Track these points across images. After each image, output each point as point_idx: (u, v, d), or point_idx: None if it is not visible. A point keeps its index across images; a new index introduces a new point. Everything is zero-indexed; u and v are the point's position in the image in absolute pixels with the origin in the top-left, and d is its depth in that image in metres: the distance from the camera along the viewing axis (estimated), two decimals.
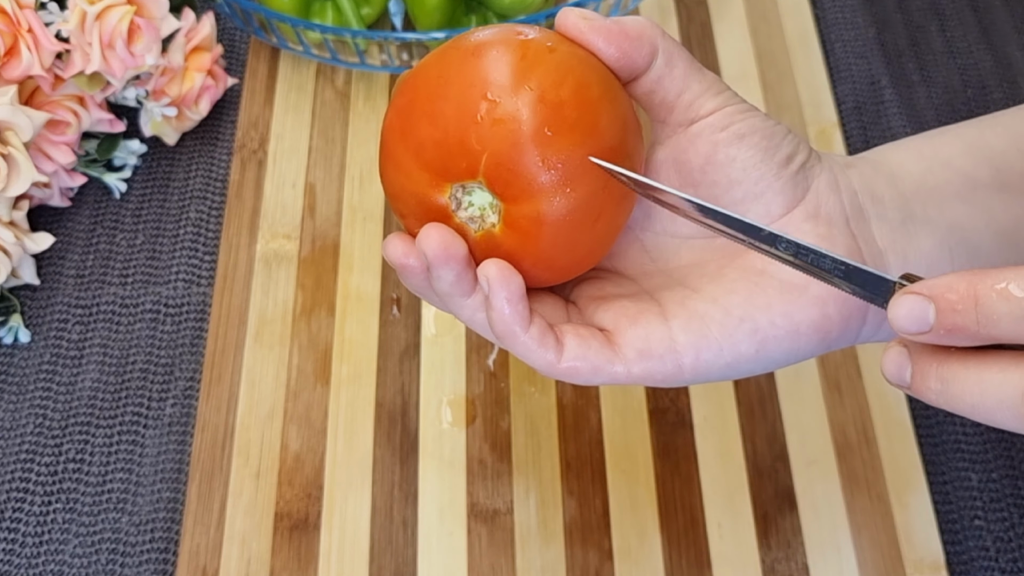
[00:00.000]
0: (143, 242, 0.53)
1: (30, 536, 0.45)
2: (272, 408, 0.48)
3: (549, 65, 0.30)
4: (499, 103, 0.29)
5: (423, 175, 0.30)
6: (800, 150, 0.33)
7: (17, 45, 0.47)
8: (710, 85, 0.32)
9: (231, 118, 0.57)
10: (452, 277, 0.30)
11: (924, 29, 0.61)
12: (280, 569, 0.44)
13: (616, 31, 0.31)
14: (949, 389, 0.24)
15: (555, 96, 0.29)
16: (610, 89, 0.31)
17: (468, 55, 0.30)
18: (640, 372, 0.30)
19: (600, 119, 0.30)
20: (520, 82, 0.29)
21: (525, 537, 0.44)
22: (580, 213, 0.30)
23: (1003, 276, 0.23)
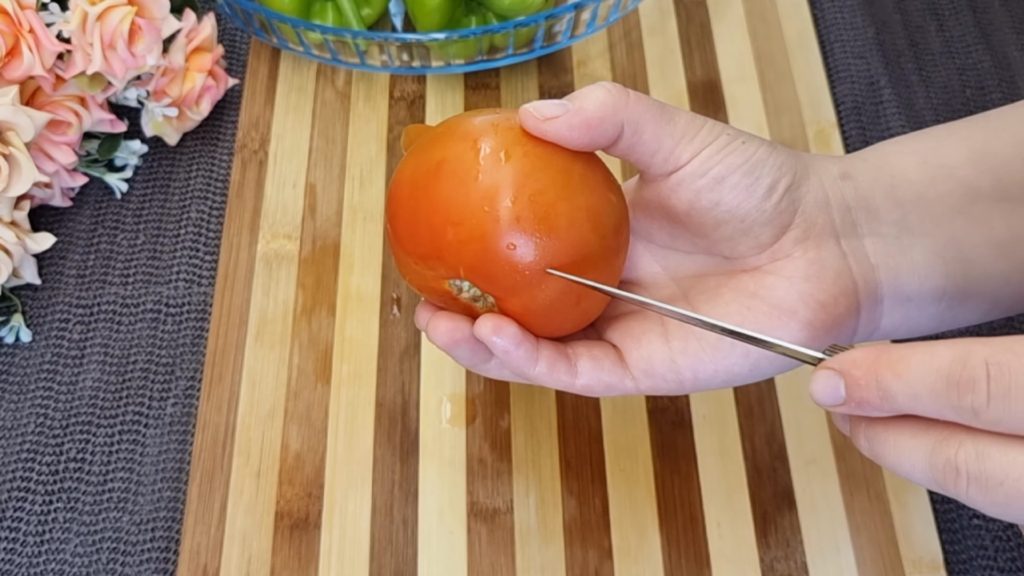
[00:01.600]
0: (144, 242, 0.53)
1: (31, 535, 0.45)
2: (273, 407, 0.48)
3: (504, 178, 0.31)
4: (462, 225, 0.31)
5: (420, 270, 0.34)
6: (784, 173, 0.33)
7: (18, 45, 0.47)
8: (682, 134, 0.32)
9: (232, 118, 0.57)
10: (467, 353, 0.34)
11: (923, 29, 0.61)
12: (280, 568, 0.44)
13: (577, 123, 0.32)
14: (874, 448, 0.25)
15: (511, 211, 0.31)
16: (571, 185, 0.32)
17: (432, 176, 0.32)
18: (647, 387, 0.34)
19: (559, 222, 0.32)
20: (477, 202, 0.31)
21: (525, 536, 0.44)
22: (560, 302, 0.33)
23: (900, 354, 0.24)
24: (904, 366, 0.23)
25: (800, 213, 0.33)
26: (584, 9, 0.54)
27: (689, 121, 0.33)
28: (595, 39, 0.60)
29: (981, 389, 0.22)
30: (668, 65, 0.59)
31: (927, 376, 0.23)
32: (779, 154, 0.33)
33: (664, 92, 0.58)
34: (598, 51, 0.59)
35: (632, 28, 0.60)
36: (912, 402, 0.23)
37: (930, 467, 0.23)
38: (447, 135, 0.33)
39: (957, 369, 0.22)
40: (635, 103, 0.32)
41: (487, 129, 0.33)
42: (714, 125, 0.33)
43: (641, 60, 0.59)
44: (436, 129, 0.34)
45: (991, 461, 0.22)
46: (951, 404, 0.22)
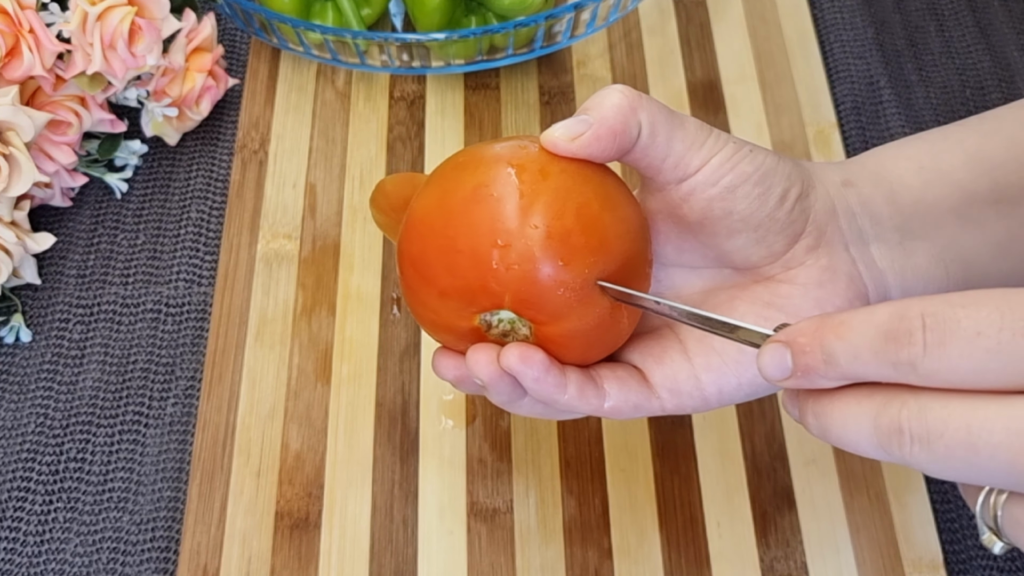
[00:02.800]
0: (144, 242, 0.53)
1: (31, 535, 0.45)
2: (273, 407, 0.48)
3: (548, 195, 0.31)
4: (510, 247, 0.30)
5: (452, 307, 0.32)
6: (794, 182, 0.33)
7: (18, 46, 0.47)
8: (692, 140, 0.32)
9: (232, 118, 0.57)
10: (508, 388, 0.32)
11: (922, 30, 0.61)
12: (281, 568, 0.44)
13: (604, 133, 0.31)
14: (821, 423, 0.25)
15: (560, 227, 0.30)
16: (610, 197, 0.32)
17: (469, 201, 0.31)
18: (672, 407, 0.34)
19: (607, 234, 0.31)
20: (524, 221, 0.30)
21: (525, 536, 0.44)
22: (605, 321, 0.32)
23: (842, 318, 0.24)
24: (845, 327, 0.23)
25: (811, 221, 0.33)
26: (584, 9, 0.54)
27: (698, 127, 0.32)
28: (595, 39, 0.60)
29: (917, 340, 0.22)
30: (668, 65, 0.59)
31: (866, 333, 0.23)
32: (785, 164, 0.33)
33: (664, 92, 0.58)
34: (598, 51, 0.59)
35: (632, 28, 0.60)
36: (854, 363, 0.23)
37: (875, 431, 0.23)
38: (473, 164, 0.32)
39: (895, 323, 0.22)
40: (648, 102, 0.32)
41: (515, 153, 0.32)
42: (720, 134, 0.33)
43: (641, 60, 0.59)
44: (453, 161, 0.33)
45: (931, 414, 0.22)
46: (890, 360, 0.22)
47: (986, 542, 0.24)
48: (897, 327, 0.22)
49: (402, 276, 0.33)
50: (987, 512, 0.24)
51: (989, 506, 0.24)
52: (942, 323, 0.22)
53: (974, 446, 0.21)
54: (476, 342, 0.33)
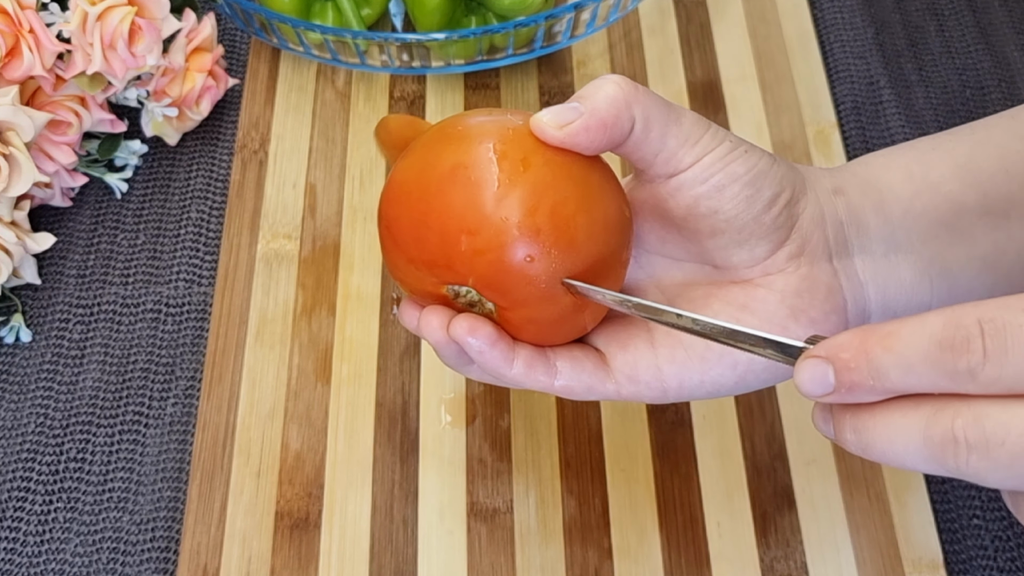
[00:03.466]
0: (144, 242, 0.53)
1: (32, 535, 0.45)
2: (273, 407, 0.48)
3: (524, 188, 0.31)
4: (478, 235, 0.30)
5: (420, 275, 0.32)
6: (784, 187, 0.32)
7: (18, 46, 0.47)
8: (687, 136, 0.32)
9: (232, 118, 0.57)
10: (453, 352, 0.33)
11: (922, 30, 0.61)
12: (281, 568, 0.44)
13: (594, 124, 0.31)
14: (862, 439, 0.24)
15: (531, 223, 0.30)
16: (589, 195, 0.32)
17: (446, 179, 0.31)
18: (628, 393, 0.33)
19: (578, 235, 0.31)
20: (496, 212, 0.30)
21: (525, 536, 0.44)
22: (566, 314, 0.32)
23: (888, 329, 0.23)
24: (894, 339, 0.23)
25: (797, 228, 0.33)
26: (584, 9, 0.54)
27: (694, 123, 0.32)
28: (595, 39, 0.60)
29: (977, 348, 0.21)
30: (668, 65, 0.59)
31: (919, 344, 0.22)
32: (780, 167, 0.33)
33: (664, 92, 0.58)
34: (598, 51, 0.59)
35: (632, 28, 0.60)
36: (906, 376, 0.22)
37: (925, 443, 0.22)
38: (457, 137, 0.32)
39: (950, 332, 0.22)
40: (644, 95, 0.31)
41: (502, 133, 0.32)
42: (717, 131, 0.33)
43: (641, 60, 0.59)
44: (441, 129, 0.33)
45: (990, 421, 0.21)
46: (947, 369, 0.22)
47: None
48: (953, 335, 0.21)
49: (380, 234, 0.34)
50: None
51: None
52: (1002, 328, 0.21)
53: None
54: (443, 304, 0.33)
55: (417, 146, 0.33)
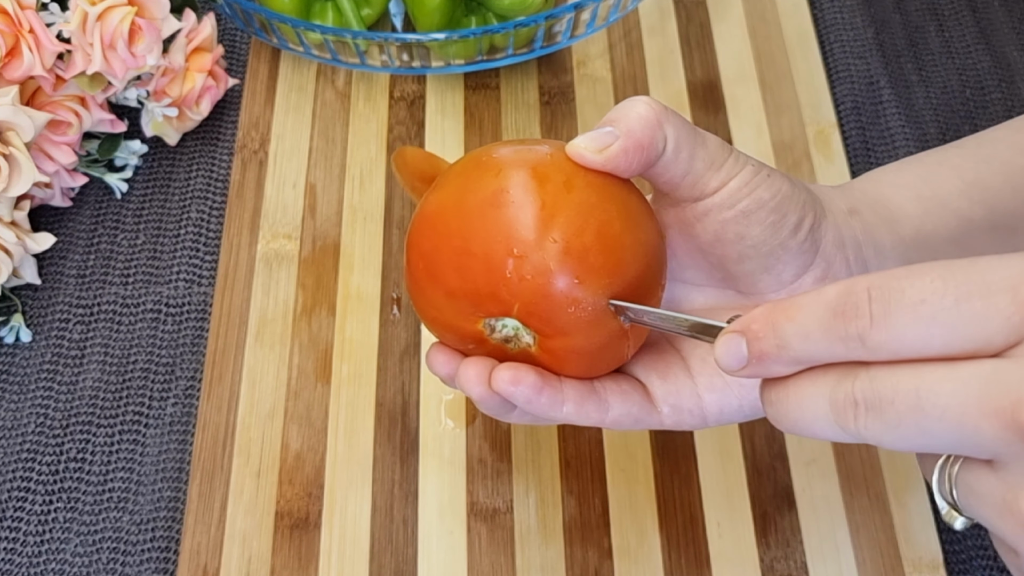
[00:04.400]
0: (144, 242, 0.53)
1: (31, 535, 0.45)
2: (273, 407, 0.48)
3: (570, 210, 0.30)
4: (526, 258, 0.30)
5: (459, 308, 0.31)
6: (807, 212, 0.33)
7: (18, 46, 0.47)
8: (713, 159, 0.32)
9: (232, 118, 0.57)
10: (497, 404, 0.32)
11: (922, 30, 0.61)
12: (281, 568, 0.44)
13: (632, 146, 0.31)
14: (778, 410, 0.25)
15: (579, 244, 0.30)
16: (632, 216, 0.32)
17: (488, 204, 0.30)
18: (672, 423, 0.34)
19: (624, 256, 0.31)
20: (544, 234, 0.30)
21: (525, 536, 0.44)
22: (611, 340, 0.32)
23: (792, 300, 0.24)
24: (795, 309, 0.24)
25: (821, 252, 0.33)
26: (584, 9, 0.54)
27: (719, 146, 0.32)
28: (595, 39, 0.60)
29: (864, 312, 0.22)
30: (668, 65, 0.59)
31: (816, 312, 0.23)
32: (800, 191, 0.33)
33: (664, 92, 0.58)
34: (598, 51, 0.59)
35: (632, 28, 0.60)
36: (806, 344, 0.23)
37: (831, 408, 0.23)
38: (495, 165, 0.31)
39: (842, 300, 0.23)
40: (674, 116, 0.31)
41: (539, 159, 0.31)
42: (739, 155, 0.33)
43: (641, 60, 0.59)
44: (475, 158, 0.32)
45: (880, 382, 0.22)
46: (839, 335, 0.23)
47: (946, 518, 0.24)
48: (844, 302, 0.23)
49: (409, 270, 0.33)
50: (944, 485, 0.24)
51: (945, 479, 0.24)
52: (886, 294, 0.22)
53: (923, 409, 0.21)
54: (476, 343, 0.32)
55: (451, 176, 0.32)
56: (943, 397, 0.21)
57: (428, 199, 0.32)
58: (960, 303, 0.21)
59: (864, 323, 0.22)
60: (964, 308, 0.21)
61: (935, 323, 0.21)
